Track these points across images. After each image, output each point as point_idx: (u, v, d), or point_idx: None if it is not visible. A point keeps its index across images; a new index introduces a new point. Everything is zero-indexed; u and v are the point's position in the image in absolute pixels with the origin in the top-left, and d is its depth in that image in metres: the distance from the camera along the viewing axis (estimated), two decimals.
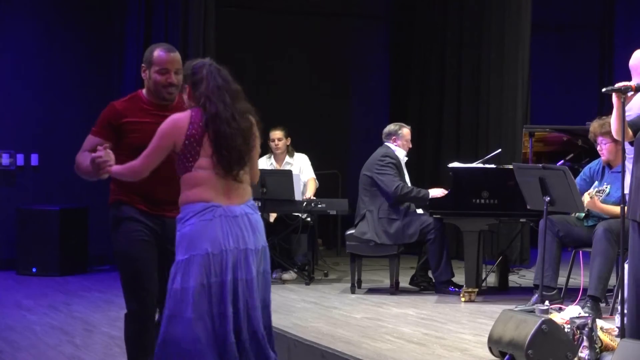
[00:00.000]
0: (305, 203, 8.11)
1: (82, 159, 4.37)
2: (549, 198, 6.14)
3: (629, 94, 4.80)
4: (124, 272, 4.41)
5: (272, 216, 8.48)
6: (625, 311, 4.79)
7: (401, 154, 7.76)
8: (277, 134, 8.63)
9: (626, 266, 5.05)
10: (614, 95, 4.83)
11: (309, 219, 8.38)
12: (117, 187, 4.47)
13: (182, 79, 4.16)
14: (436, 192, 7.52)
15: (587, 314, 5.26)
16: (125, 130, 4.41)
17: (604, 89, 4.90)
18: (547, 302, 5.51)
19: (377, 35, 12.01)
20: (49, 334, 6.57)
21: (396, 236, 7.50)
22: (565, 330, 4.81)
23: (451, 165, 7.61)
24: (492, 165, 7.70)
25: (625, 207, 4.82)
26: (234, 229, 3.97)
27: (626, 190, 4.89)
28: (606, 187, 6.58)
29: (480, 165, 7.66)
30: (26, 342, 6.30)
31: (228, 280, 3.94)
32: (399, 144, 7.78)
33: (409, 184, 7.69)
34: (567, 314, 5.08)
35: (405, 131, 7.83)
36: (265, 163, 8.71)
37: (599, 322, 4.97)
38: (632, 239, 4.70)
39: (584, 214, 6.72)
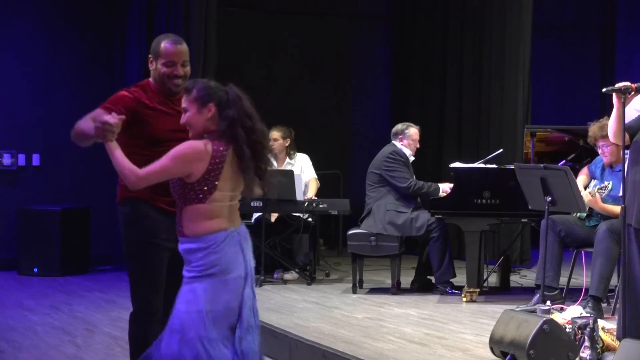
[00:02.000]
0: (306, 203, 8.10)
1: (83, 122, 4.23)
2: (550, 198, 6.13)
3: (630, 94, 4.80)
4: (134, 273, 4.38)
5: (274, 216, 8.48)
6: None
7: (407, 153, 7.78)
8: (273, 134, 8.51)
9: None
10: (614, 96, 4.83)
11: (310, 219, 8.38)
12: None
13: (204, 97, 3.89)
14: (446, 187, 7.55)
15: (588, 314, 5.27)
16: (140, 113, 4.31)
17: (604, 89, 4.90)
18: (548, 302, 5.51)
19: (378, 34, 12.00)
20: (50, 334, 6.57)
21: (404, 227, 7.49)
22: (567, 330, 4.82)
23: (453, 165, 7.61)
24: (494, 165, 7.70)
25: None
26: (247, 251, 3.96)
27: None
28: (608, 184, 6.57)
29: (482, 165, 7.66)
30: (27, 342, 6.30)
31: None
32: (405, 143, 7.80)
33: None
34: (569, 314, 5.08)
35: (413, 131, 7.85)
36: None
37: (601, 322, 4.97)
38: (629, 243, 4.71)
39: (585, 214, 6.72)
